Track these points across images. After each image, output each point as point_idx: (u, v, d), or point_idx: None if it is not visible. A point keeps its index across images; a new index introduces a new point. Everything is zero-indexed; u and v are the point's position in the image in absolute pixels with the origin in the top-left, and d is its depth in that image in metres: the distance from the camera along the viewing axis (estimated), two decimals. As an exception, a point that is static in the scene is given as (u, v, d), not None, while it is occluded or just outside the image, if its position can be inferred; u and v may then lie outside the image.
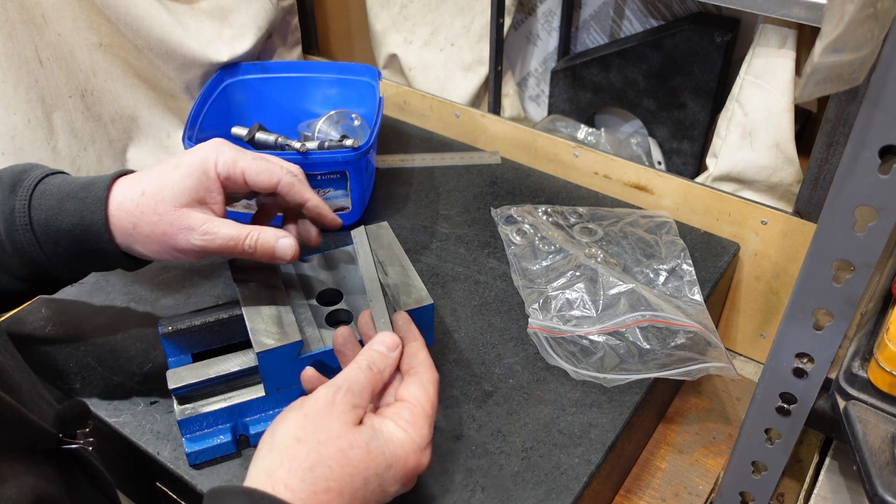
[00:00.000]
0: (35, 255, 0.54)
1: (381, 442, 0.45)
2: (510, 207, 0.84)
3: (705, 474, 0.71)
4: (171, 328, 0.60)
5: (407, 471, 0.45)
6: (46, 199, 0.53)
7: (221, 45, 0.90)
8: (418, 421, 0.46)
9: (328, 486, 0.42)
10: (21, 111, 0.76)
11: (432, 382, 0.49)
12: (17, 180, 0.54)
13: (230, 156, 0.55)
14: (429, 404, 0.47)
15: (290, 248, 0.57)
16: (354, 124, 0.88)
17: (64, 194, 0.54)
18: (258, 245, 0.55)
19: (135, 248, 0.55)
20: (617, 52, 1.00)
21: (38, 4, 0.75)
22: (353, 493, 0.43)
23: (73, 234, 0.53)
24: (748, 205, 0.79)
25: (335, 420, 0.44)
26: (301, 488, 0.41)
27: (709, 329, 0.66)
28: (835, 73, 0.35)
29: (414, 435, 0.46)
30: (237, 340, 0.62)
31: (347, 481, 0.43)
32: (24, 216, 0.53)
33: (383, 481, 0.44)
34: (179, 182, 0.54)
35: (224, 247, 0.55)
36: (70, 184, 0.55)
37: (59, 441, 0.48)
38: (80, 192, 0.54)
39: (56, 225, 0.53)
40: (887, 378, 0.48)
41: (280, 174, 0.57)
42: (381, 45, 1.15)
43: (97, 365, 0.66)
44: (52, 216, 0.53)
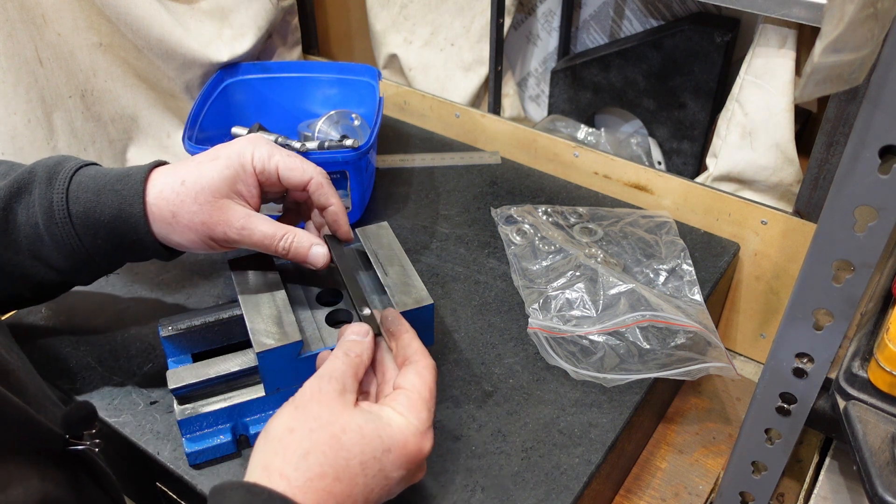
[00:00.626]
0: (74, 246, 0.55)
1: (376, 425, 0.45)
2: (510, 207, 0.84)
3: (705, 474, 0.71)
4: (171, 328, 0.60)
5: (408, 454, 0.45)
6: (84, 191, 0.54)
7: (221, 45, 0.90)
8: (415, 406, 0.47)
9: (323, 471, 0.42)
10: (21, 111, 0.76)
11: (428, 369, 0.49)
12: (52, 173, 0.55)
13: (266, 150, 0.57)
14: (426, 390, 0.48)
15: (323, 256, 0.58)
16: (354, 124, 0.88)
17: (100, 186, 0.54)
18: (292, 247, 0.57)
19: (172, 237, 0.56)
20: (617, 52, 1.00)
21: (38, 4, 0.75)
22: (352, 478, 0.43)
23: (111, 226, 0.54)
24: (748, 205, 0.79)
25: (325, 407, 0.45)
26: (296, 476, 0.42)
27: (709, 329, 0.66)
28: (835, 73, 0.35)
29: (412, 418, 0.46)
30: (237, 340, 0.62)
31: (343, 465, 0.43)
32: (62, 209, 0.54)
33: (383, 466, 0.44)
34: (219, 173, 0.55)
35: (259, 243, 0.56)
36: (105, 175, 0.55)
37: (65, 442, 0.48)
38: (116, 184, 0.54)
39: (95, 217, 0.54)
40: (887, 378, 0.48)
41: (312, 172, 0.58)
42: (381, 45, 1.15)
43: (97, 365, 0.66)
44: (90, 208, 0.54)
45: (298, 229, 0.58)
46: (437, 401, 0.50)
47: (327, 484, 0.42)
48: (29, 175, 0.55)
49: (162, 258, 0.58)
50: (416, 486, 0.56)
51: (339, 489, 0.43)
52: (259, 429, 0.58)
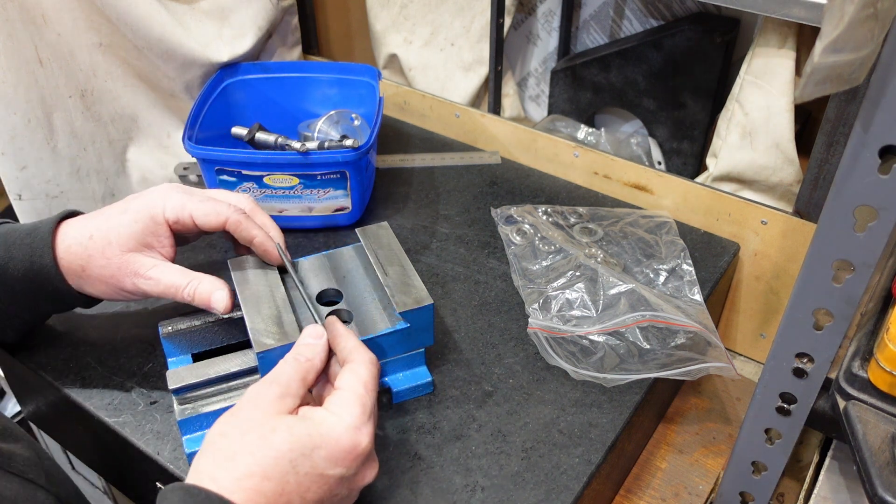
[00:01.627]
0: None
1: (306, 425, 0.46)
2: (510, 207, 0.84)
3: (705, 474, 0.71)
4: (171, 328, 0.60)
5: (341, 449, 0.46)
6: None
7: (221, 45, 0.90)
8: (347, 402, 0.47)
9: (251, 470, 0.43)
10: (21, 111, 0.76)
11: (363, 364, 0.50)
12: None
13: (178, 200, 0.58)
14: (360, 385, 0.48)
15: (223, 301, 0.58)
16: (354, 124, 0.88)
17: (10, 242, 0.56)
18: (196, 295, 0.57)
19: (85, 288, 0.58)
20: (617, 52, 1.00)
21: (38, 4, 0.75)
22: (282, 475, 0.44)
23: (26, 279, 0.56)
24: (748, 205, 0.79)
25: (259, 410, 0.46)
26: (223, 476, 0.43)
27: (709, 329, 0.66)
28: (835, 73, 0.35)
29: (343, 415, 0.47)
30: (237, 340, 0.62)
31: (271, 463, 0.44)
32: None
33: (315, 463, 0.45)
34: (127, 227, 0.56)
35: (166, 293, 0.57)
36: (15, 230, 0.57)
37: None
38: (25, 239, 0.56)
39: (9, 272, 0.56)
40: (887, 378, 0.48)
41: (227, 213, 0.58)
42: (381, 45, 1.15)
43: (97, 365, 0.66)
44: (3, 265, 0.56)
45: (204, 276, 0.58)
46: (438, 401, 0.50)
47: (256, 483, 0.43)
48: None
49: (83, 306, 0.60)
50: (414, 485, 0.56)
51: (269, 488, 0.43)
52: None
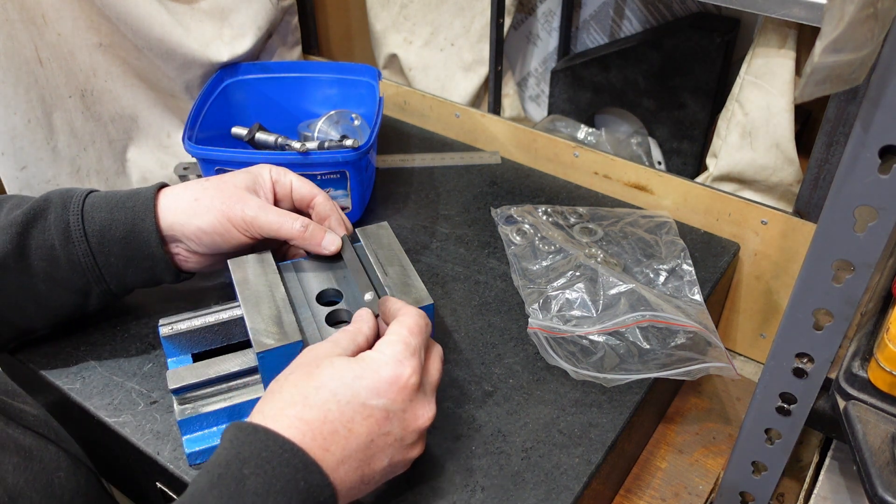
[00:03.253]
0: (88, 265, 0.58)
1: (349, 360, 0.48)
2: (510, 207, 0.84)
3: (705, 474, 0.71)
4: (171, 328, 0.60)
5: (382, 380, 0.47)
6: (97, 210, 0.58)
7: (221, 45, 0.90)
8: (390, 341, 0.49)
9: (293, 399, 0.46)
10: (21, 111, 0.76)
11: (410, 315, 0.52)
12: (66, 198, 0.59)
13: (282, 169, 0.64)
14: (403, 329, 0.50)
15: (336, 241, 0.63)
16: (354, 124, 0.88)
17: (113, 204, 0.59)
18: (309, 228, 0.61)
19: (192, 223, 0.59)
20: (617, 52, 1.00)
21: (38, 4, 0.75)
22: (322, 403, 0.46)
23: (124, 242, 0.59)
24: (748, 205, 0.79)
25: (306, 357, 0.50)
26: (268, 408, 0.46)
27: (709, 329, 0.66)
28: (835, 73, 0.35)
29: (385, 350, 0.48)
30: (237, 340, 0.62)
31: (312, 392, 0.46)
32: (79, 228, 0.57)
33: (356, 392, 0.46)
34: (240, 176, 0.62)
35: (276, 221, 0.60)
36: (116, 195, 0.60)
37: None
38: (128, 202, 0.59)
39: (109, 234, 0.58)
40: (887, 378, 0.48)
41: (318, 192, 0.65)
42: (381, 45, 1.15)
43: (97, 365, 0.66)
44: (105, 226, 0.58)
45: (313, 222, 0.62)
46: (438, 401, 0.50)
47: (297, 410, 0.45)
48: (44, 202, 0.58)
49: (172, 280, 0.63)
50: (415, 485, 0.56)
51: (311, 415, 0.45)
52: (259, 429, 0.58)
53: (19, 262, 0.57)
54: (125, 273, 0.60)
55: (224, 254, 0.62)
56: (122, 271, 0.60)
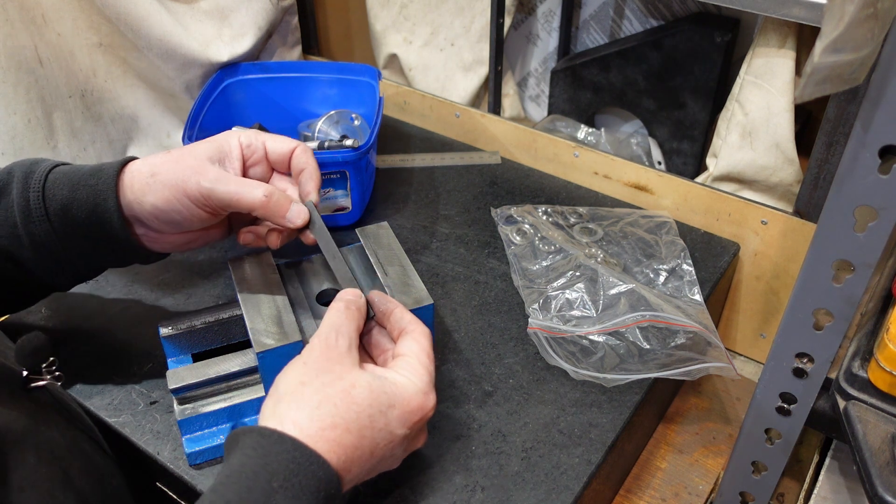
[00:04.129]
0: (52, 246, 0.54)
1: (382, 383, 0.47)
2: (510, 207, 0.84)
3: (705, 474, 0.71)
4: (171, 328, 0.60)
5: (411, 411, 0.47)
6: (59, 188, 0.54)
7: (221, 45, 0.90)
8: (416, 369, 0.49)
9: (335, 421, 0.44)
10: (21, 111, 0.76)
11: (424, 335, 0.52)
12: (28, 172, 0.55)
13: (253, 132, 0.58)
14: (423, 354, 0.50)
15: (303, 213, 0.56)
16: (354, 124, 0.88)
17: (75, 182, 0.54)
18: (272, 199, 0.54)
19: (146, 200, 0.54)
20: (617, 52, 1.00)
21: (38, 4, 0.75)
22: (360, 430, 0.45)
23: (88, 222, 0.54)
24: (748, 205, 0.79)
25: (336, 363, 0.47)
26: (308, 424, 0.44)
27: (709, 329, 0.66)
28: (835, 73, 0.35)
29: (413, 378, 0.49)
30: (237, 340, 0.62)
31: (353, 418, 0.45)
32: (39, 206, 0.54)
33: (388, 421, 0.46)
34: (202, 145, 0.56)
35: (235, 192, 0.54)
36: (79, 171, 0.55)
37: (25, 381, 0.49)
38: (90, 180, 0.54)
39: (71, 213, 0.54)
40: (887, 378, 0.48)
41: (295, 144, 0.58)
42: (381, 45, 1.15)
43: (97, 365, 0.66)
44: (66, 205, 0.54)
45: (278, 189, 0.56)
46: (438, 401, 0.51)
47: (338, 434, 0.44)
48: (7, 176, 0.55)
49: (139, 259, 0.59)
50: (415, 485, 0.56)
51: (349, 441, 0.45)
52: (259, 429, 0.58)
53: None
54: (92, 254, 0.56)
55: (197, 232, 0.58)
56: (89, 252, 0.56)
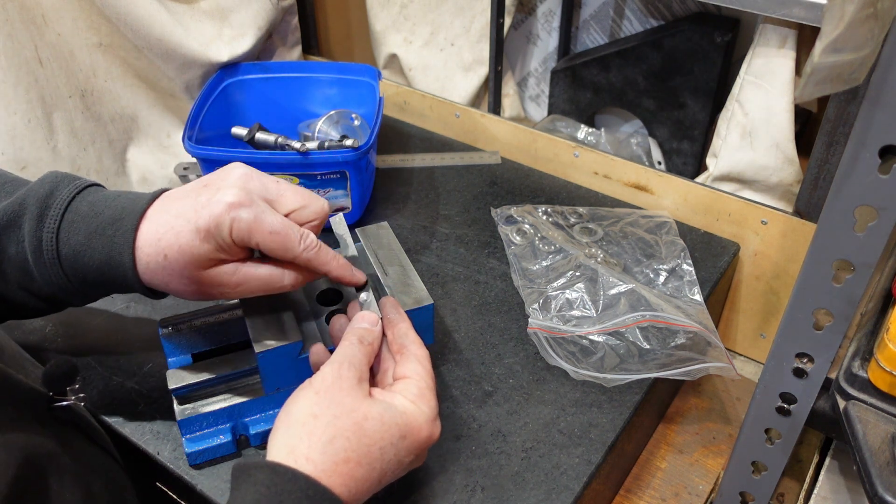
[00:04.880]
0: (62, 284, 0.53)
1: (393, 413, 0.47)
2: (510, 207, 0.84)
3: (705, 474, 0.71)
4: (171, 328, 0.60)
5: (420, 441, 0.48)
6: (74, 233, 0.52)
7: (221, 45, 0.90)
8: (425, 394, 0.49)
9: (348, 456, 0.44)
10: (21, 111, 0.76)
11: (426, 357, 0.52)
12: (43, 207, 0.52)
13: (245, 226, 0.50)
14: (429, 377, 0.50)
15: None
16: (354, 124, 0.88)
17: (92, 230, 0.52)
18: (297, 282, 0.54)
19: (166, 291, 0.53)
20: (617, 52, 1.00)
21: (38, 4, 0.75)
22: (371, 462, 0.45)
23: (100, 270, 0.52)
24: (748, 205, 0.79)
25: (346, 395, 0.47)
26: (322, 460, 0.44)
27: (709, 329, 0.66)
28: (835, 73, 0.35)
29: (424, 407, 0.48)
30: (237, 340, 0.62)
31: (365, 451, 0.45)
32: (52, 250, 0.52)
33: (398, 451, 0.47)
34: (198, 248, 0.50)
35: (264, 287, 0.53)
36: (97, 215, 0.53)
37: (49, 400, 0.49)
38: (107, 229, 0.52)
39: (84, 261, 0.52)
40: (887, 378, 0.48)
41: (297, 251, 0.52)
42: (381, 45, 1.15)
43: (97, 365, 0.66)
44: (79, 252, 0.52)
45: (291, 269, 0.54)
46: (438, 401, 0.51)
47: (351, 468, 0.44)
48: (20, 207, 0.52)
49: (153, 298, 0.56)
50: (415, 485, 0.56)
51: (361, 473, 0.45)
52: (259, 429, 0.58)
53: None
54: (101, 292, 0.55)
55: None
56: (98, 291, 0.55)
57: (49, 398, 0.49)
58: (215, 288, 0.52)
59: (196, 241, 0.50)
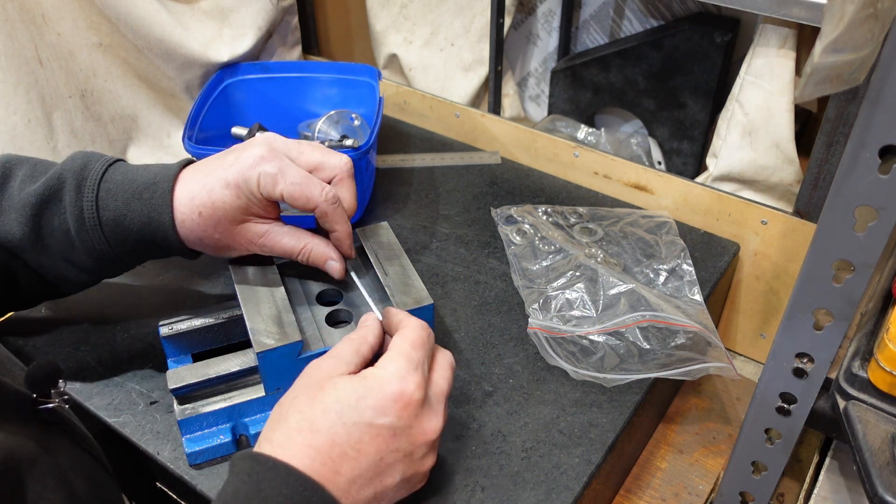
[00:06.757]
0: (103, 251, 0.57)
1: (351, 379, 0.48)
2: (510, 207, 0.84)
3: (705, 474, 0.71)
4: (171, 328, 0.60)
5: (386, 397, 0.47)
6: (112, 199, 0.56)
7: (221, 45, 0.90)
8: (392, 357, 0.49)
9: (300, 425, 0.46)
10: (21, 111, 0.76)
11: (411, 328, 0.51)
12: (80, 179, 0.56)
13: (270, 177, 0.55)
14: (406, 343, 0.50)
15: (337, 272, 0.60)
16: (354, 124, 0.88)
17: (129, 194, 0.56)
18: (311, 260, 0.60)
19: (201, 249, 0.59)
20: (617, 52, 1.00)
21: (38, 4, 0.75)
22: (329, 428, 0.45)
23: (141, 232, 0.57)
24: (748, 205, 0.79)
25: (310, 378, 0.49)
26: (275, 436, 0.46)
27: (709, 329, 0.66)
28: (835, 73, 0.35)
29: (388, 366, 0.48)
30: (237, 340, 0.62)
31: (319, 416, 0.46)
32: (93, 217, 0.56)
33: (362, 413, 0.46)
34: (231, 203, 0.56)
35: (282, 255, 0.60)
36: (132, 181, 0.57)
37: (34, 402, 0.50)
38: (144, 193, 0.56)
39: (124, 224, 0.56)
40: (887, 378, 0.48)
41: (318, 201, 0.56)
42: (381, 45, 1.15)
43: (97, 365, 0.66)
44: (119, 216, 0.56)
45: (316, 240, 0.60)
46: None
47: (305, 437, 0.45)
48: (58, 182, 0.56)
49: (188, 258, 0.61)
50: (416, 486, 0.56)
51: (319, 441, 0.45)
52: (259, 429, 0.58)
53: (36, 244, 0.57)
54: (142, 256, 0.60)
55: None
56: (139, 255, 0.59)
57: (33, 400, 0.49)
58: (244, 245, 0.58)
59: (227, 197, 0.55)
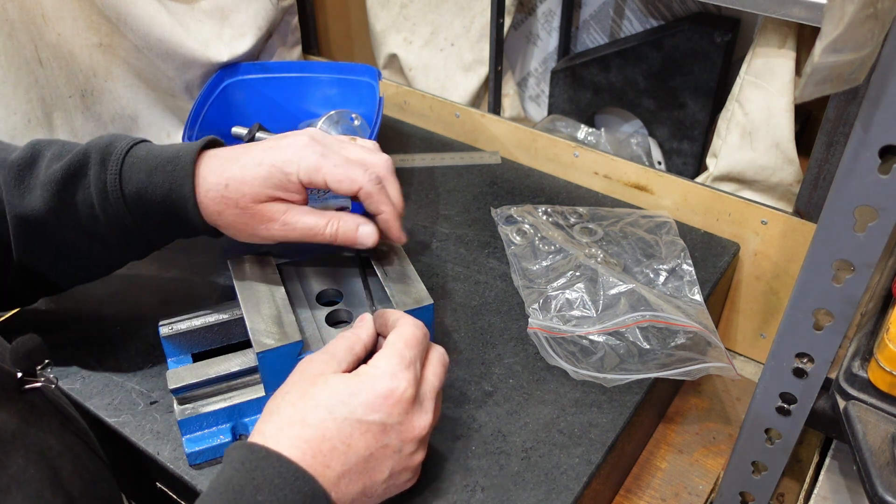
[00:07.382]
0: (127, 224, 0.57)
1: (343, 377, 0.48)
2: (510, 207, 0.84)
3: (705, 474, 0.71)
4: (171, 328, 0.60)
5: (377, 394, 0.47)
6: (136, 172, 0.56)
7: (221, 45, 0.90)
8: (385, 355, 0.49)
9: (292, 419, 0.46)
10: (21, 111, 0.76)
11: (406, 326, 0.52)
12: (105, 154, 0.57)
13: (313, 162, 0.56)
14: (399, 341, 0.50)
15: (371, 235, 0.59)
16: (354, 124, 0.88)
17: (152, 167, 0.56)
18: (339, 233, 0.58)
19: (219, 226, 0.58)
20: (617, 52, 1.00)
21: (38, 4, 0.75)
22: (320, 421, 0.46)
23: (163, 206, 0.57)
24: (748, 205, 0.79)
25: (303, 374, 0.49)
26: (267, 428, 0.47)
27: (709, 329, 0.66)
28: (835, 73, 0.35)
29: (381, 364, 0.49)
30: (237, 340, 0.62)
31: (310, 410, 0.46)
32: (116, 189, 0.56)
33: (352, 409, 0.47)
34: (262, 182, 0.56)
35: (304, 235, 0.57)
36: (157, 157, 0.57)
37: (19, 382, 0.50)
38: (167, 166, 0.56)
39: (147, 197, 0.56)
40: (887, 378, 0.48)
41: (361, 182, 0.57)
42: (381, 45, 1.15)
43: (97, 365, 0.66)
44: (142, 188, 0.56)
45: (342, 213, 0.58)
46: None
47: (297, 430, 0.46)
48: (83, 157, 0.57)
49: (211, 235, 0.60)
50: (416, 485, 0.56)
51: (310, 434, 0.46)
52: (259, 429, 0.58)
53: (61, 218, 0.57)
54: (165, 232, 0.59)
55: None
56: (162, 231, 0.59)
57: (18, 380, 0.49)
58: (264, 224, 0.57)
59: (260, 173, 0.55)
